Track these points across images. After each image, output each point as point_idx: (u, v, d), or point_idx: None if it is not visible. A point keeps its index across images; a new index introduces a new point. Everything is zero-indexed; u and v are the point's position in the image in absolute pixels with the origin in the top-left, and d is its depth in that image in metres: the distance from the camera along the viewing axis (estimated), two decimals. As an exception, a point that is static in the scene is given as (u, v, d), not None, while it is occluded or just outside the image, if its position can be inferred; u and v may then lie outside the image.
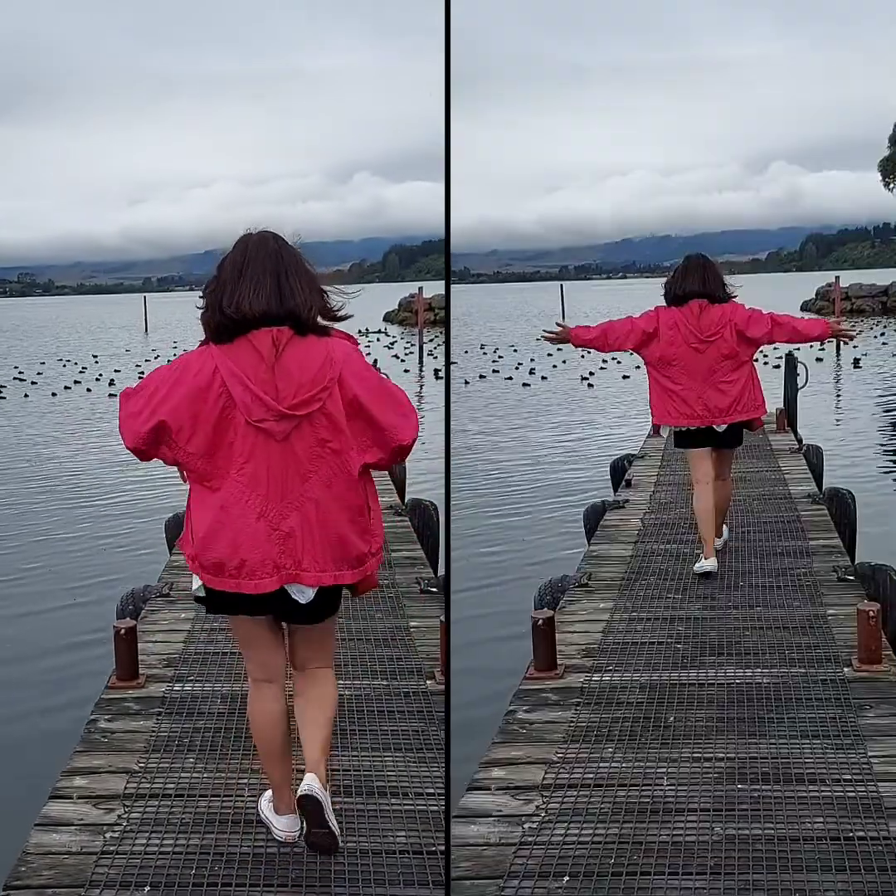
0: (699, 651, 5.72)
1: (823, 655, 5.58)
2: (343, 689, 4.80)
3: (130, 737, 4.78)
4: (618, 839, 3.85)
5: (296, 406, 3.55)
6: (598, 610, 6.47)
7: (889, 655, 5.46)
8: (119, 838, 3.91)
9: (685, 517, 8.73)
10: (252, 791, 4.23)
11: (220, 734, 4.81)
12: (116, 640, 5.42)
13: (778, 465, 11.04)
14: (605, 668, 5.50)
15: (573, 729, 4.77)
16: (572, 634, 6.00)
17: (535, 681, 5.30)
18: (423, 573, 7.35)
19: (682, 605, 6.53)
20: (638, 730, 4.75)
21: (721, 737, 4.64)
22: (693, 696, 5.11)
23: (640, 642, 5.89)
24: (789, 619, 6.18)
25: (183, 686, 5.39)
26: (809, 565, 7.29)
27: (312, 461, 3.60)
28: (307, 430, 3.57)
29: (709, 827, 3.90)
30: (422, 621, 6.29)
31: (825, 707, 4.92)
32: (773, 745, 4.54)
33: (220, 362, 3.55)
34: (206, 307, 3.61)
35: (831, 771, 4.29)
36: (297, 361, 3.56)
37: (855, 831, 3.83)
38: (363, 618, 6.44)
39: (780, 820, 3.93)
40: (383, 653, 5.83)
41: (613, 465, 11.81)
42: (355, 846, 3.84)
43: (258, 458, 3.58)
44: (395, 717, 4.97)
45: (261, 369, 3.54)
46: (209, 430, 3.55)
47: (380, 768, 4.45)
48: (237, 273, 3.58)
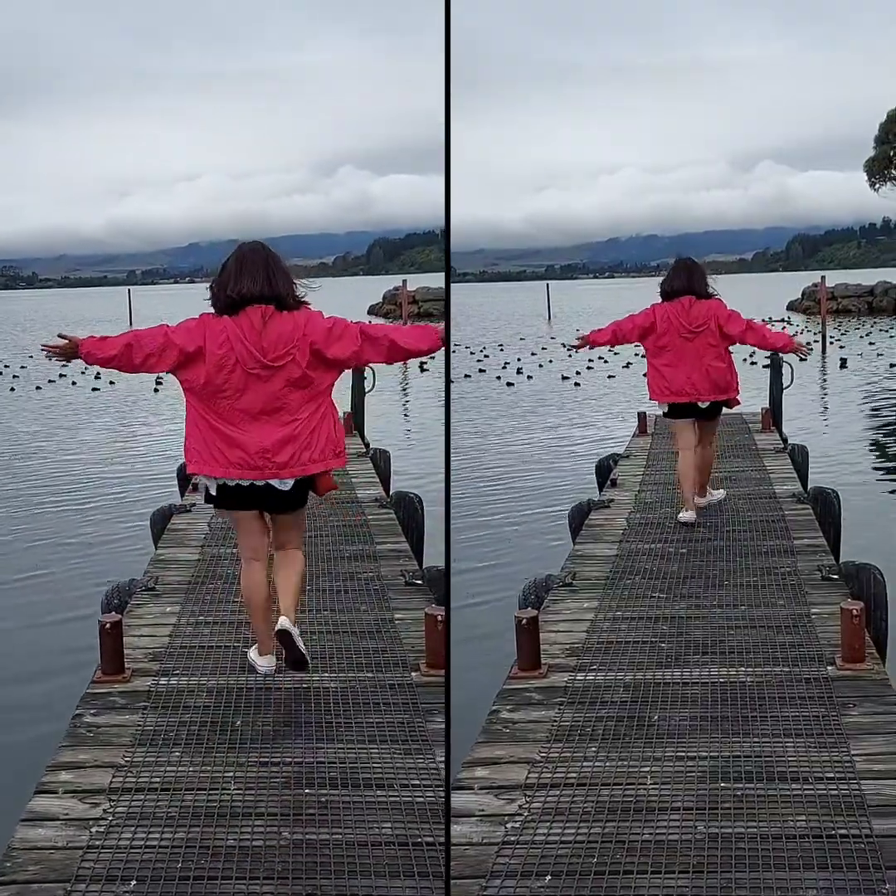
0: (683, 650, 5.72)
1: (807, 654, 5.59)
2: (328, 682, 5.31)
3: (116, 731, 4.78)
4: (601, 838, 3.85)
5: (274, 359, 5.13)
6: (582, 609, 6.47)
7: (872, 654, 5.47)
8: (105, 833, 3.91)
9: (670, 517, 8.74)
10: (238, 784, 4.24)
11: (206, 728, 4.82)
12: (102, 634, 5.42)
13: (763, 465, 11.06)
14: (589, 668, 5.50)
15: (557, 728, 4.77)
16: (556, 634, 6.00)
17: (519, 680, 5.30)
18: (407, 566, 7.38)
19: (667, 605, 6.53)
20: (622, 729, 4.75)
21: (704, 736, 4.65)
22: (677, 695, 5.11)
23: (625, 641, 5.89)
24: (773, 618, 6.19)
25: (169, 680, 5.39)
26: (794, 564, 7.30)
27: (285, 395, 5.17)
28: (282, 374, 5.15)
29: (692, 826, 3.90)
30: (406, 613, 6.33)
31: (808, 706, 4.93)
32: (756, 744, 4.55)
33: (227, 325, 5.15)
34: (217, 290, 5.19)
35: (814, 769, 4.30)
36: (277, 329, 5.15)
37: (837, 829, 3.84)
38: (348, 610, 6.48)
39: (764, 818, 3.93)
40: (368, 645, 5.86)
41: (599, 465, 11.81)
42: (341, 838, 3.85)
43: (249, 392, 5.15)
44: (380, 709, 4.99)
45: (253, 333, 5.13)
46: (211, 365, 5.10)
47: (365, 760, 4.47)
48: (238, 268, 5.17)
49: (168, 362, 5.12)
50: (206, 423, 5.19)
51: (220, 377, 5.10)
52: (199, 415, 5.21)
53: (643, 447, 12.35)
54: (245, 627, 5.91)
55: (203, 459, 5.22)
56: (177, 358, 5.11)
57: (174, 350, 5.10)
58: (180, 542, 8.27)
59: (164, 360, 5.11)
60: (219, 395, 5.14)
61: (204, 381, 5.11)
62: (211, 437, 5.18)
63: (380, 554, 7.73)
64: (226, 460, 5.17)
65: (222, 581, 7.15)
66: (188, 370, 5.14)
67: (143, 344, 5.12)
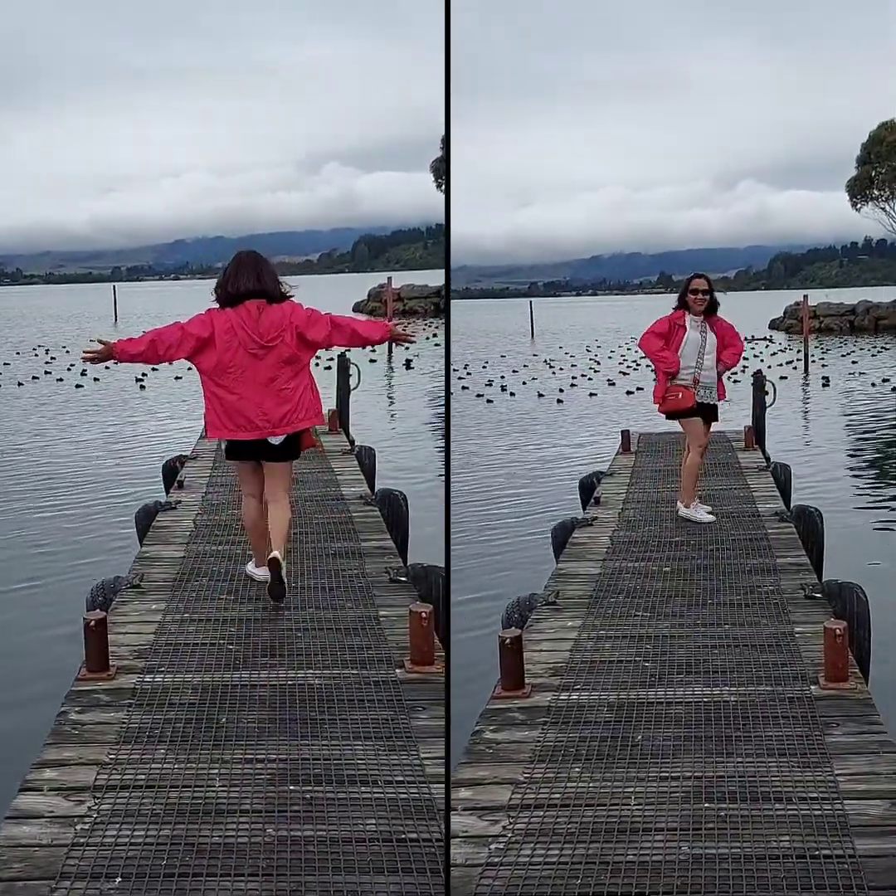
0: (667, 669, 5.72)
1: (790, 673, 5.59)
2: (313, 679, 5.40)
3: (101, 728, 4.79)
4: (585, 859, 3.84)
5: (269, 341, 6.64)
6: (565, 628, 6.46)
7: (855, 673, 5.48)
8: (90, 830, 3.91)
9: (654, 535, 8.75)
10: (223, 781, 4.26)
11: (191, 725, 4.83)
12: (87, 631, 5.43)
13: (746, 483, 11.08)
14: (573, 687, 5.49)
15: (540, 749, 4.76)
16: (540, 653, 5.99)
17: (503, 700, 5.29)
18: (392, 563, 7.43)
19: (650, 623, 6.53)
20: (605, 749, 4.74)
21: (688, 755, 4.64)
22: (661, 714, 5.11)
23: (608, 661, 5.89)
24: (757, 637, 6.20)
25: (154, 677, 5.41)
26: (777, 583, 7.31)
27: (277, 369, 6.67)
28: (274, 353, 6.66)
29: (676, 847, 3.89)
30: (391, 610, 6.39)
31: (792, 725, 4.93)
32: (740, 764, 4.55)
33: (230, 315, 6.64)
34: (220, 289, 6.69)
35: (797, 789, 4.30)
36: (269, 318, 6.66)
37: (821, 850, 3.84)
38: (333, 607, 6.53)
39: (747, 839, 3.93)
40: (353, 642, 5.91)
41: (582, 483, 11.81)
42: (325, 834, 3.87)
43: (249, 368, 6.63)
44: (364, 706, 5.02)
45: (250, 321, 6.63)
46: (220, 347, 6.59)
47: (350, 757, 4.49)
48: (235, 271, 6.69)
49: (186, 349, 6.59)
50: (216, 397, 6.68)
51: (226, 356, 6.59)
52: (212, 392, 6.70)
53: (627, 465, 12.37)
54: (230, 624, 6.18)
55: (216, 426, 6.79)
56: (194, 344, 6.58)
57: (191, 339, 6.56)
58: (165, 540, 8.28)
59: (183, 347, 6.58)
60: (227, 372, 6.61)
61: (216, 361, 6.61)
62: (220, 407, 6.68)
63: (364, 551, 7.78)
64: (234, 425, 6.70)
65: (207, 578, 7.18)
66: (203, 354, 6.62)
67: (164, 339, 6.58)
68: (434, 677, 5.34)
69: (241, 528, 7.62)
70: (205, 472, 10.95)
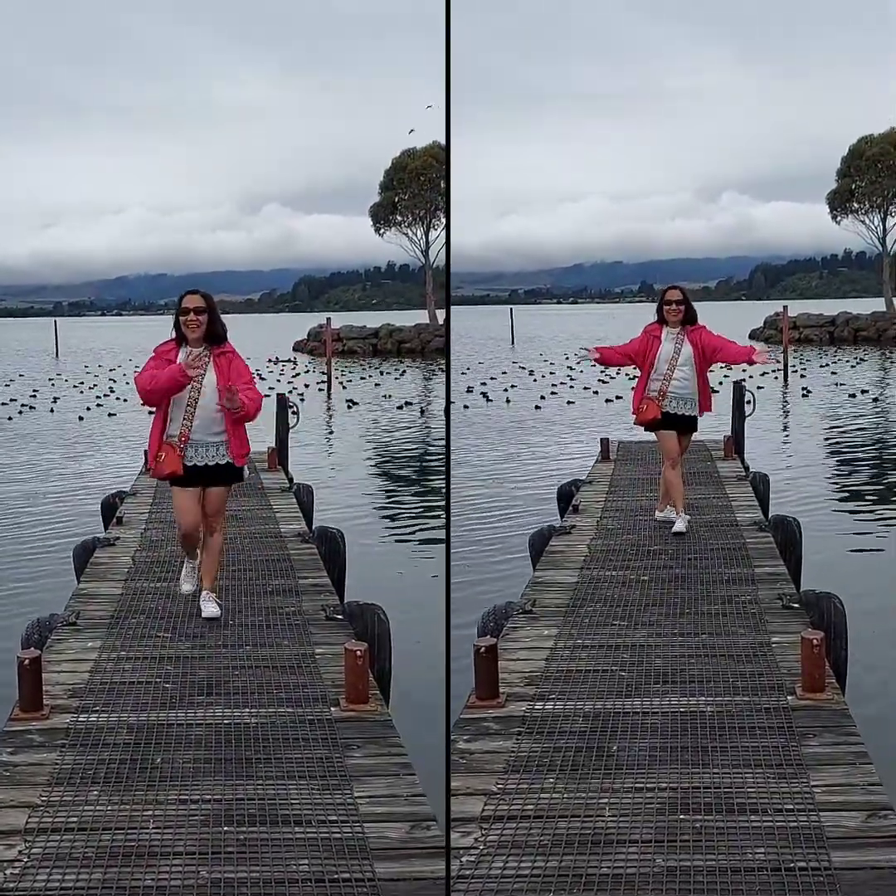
0: (643, 679, 5.68)
1: (767, 683, 5.56)
2: (248, 717, 5.30)
3: (33, 770, 4.68)
4: (558, 872, 3.79)
5: None
6: (541, 637, 6.42)
7: (832, 684, 5.45)
8: (20, 874, 3.82)
9: (633, 543, 8.71)
10: (157, 823, 4.17)
11: (126, 765, 4.73)
12: (20, 670, 5.30)
13: (725, 492, 11.07)
14: (548, 697, 5.44)
15: (514, 759, 4.71)
16: (515, 662, 5.94)
17: (477, 709, 5.23)
18: (328, 601, 7.33)
19: (627, 633, 6.49)
20: (580, 760, 4.70)
21: (664, 767, 4.60)
22: (637, 724, 5.06)
23: (584, 670, 5.84)
24: (734, 647, 6.16)
25: (88, 717, 5.30)
26: (755, 593, 7.28)
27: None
28: None
29: (650, 859, 3.85)
30: (327, 648, 6.30)
31: (768, 736, 4.89)
32: (716, 775, 4.50)
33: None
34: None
35: (773, 801, 4.26)
36: None
37: (797, 862, 3.80)
38: (269, 645, 6.44)
39: (723, 851, 3.89)
40: (289, 680, 5.82)
41: (560, 490, 11.78)
42: (259, 876, 3.81)
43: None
44: (299, 745, 4.95)
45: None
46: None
47: (284, 797, 4.42)
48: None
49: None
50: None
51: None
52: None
53: (606, 473, 12.34)
54: (167, 663, 6.13)
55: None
56: None
57: None
58: (103, 577, 8.13)
59: None
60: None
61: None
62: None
63: (301, 588, 7.69)
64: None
65: (145, 615, 7.05)
66: None
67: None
68: (368, 715, 5.26)
69: (180, 564, 7.82)
70: (144, 509, 10.75)
